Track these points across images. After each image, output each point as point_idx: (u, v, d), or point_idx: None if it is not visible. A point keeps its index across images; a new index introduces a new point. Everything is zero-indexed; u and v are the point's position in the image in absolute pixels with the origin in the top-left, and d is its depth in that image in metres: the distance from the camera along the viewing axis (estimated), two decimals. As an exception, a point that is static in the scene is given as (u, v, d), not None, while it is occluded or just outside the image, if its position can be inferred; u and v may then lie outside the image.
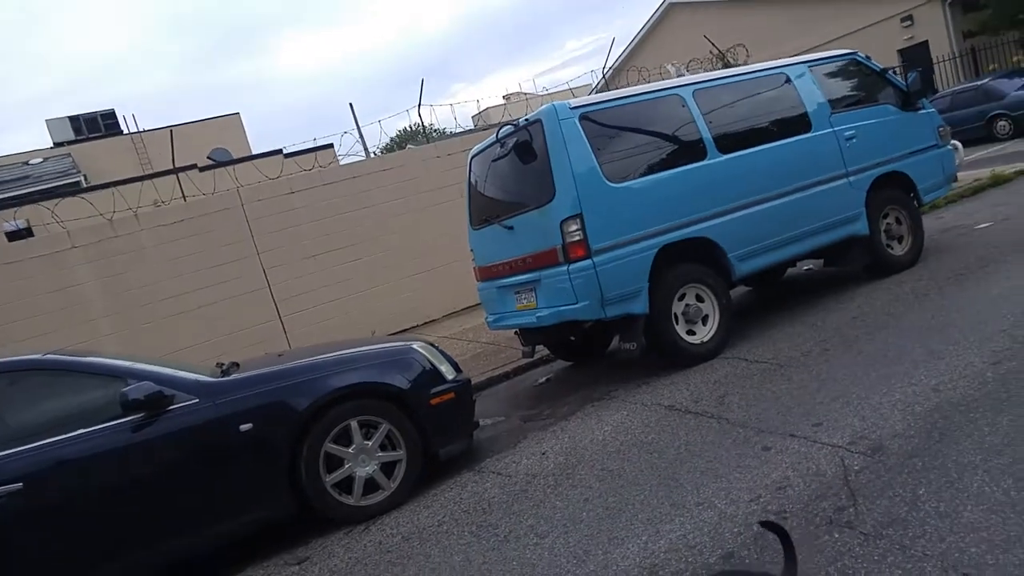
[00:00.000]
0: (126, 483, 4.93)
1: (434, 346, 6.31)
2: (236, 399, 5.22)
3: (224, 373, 5.67)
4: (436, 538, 4.80)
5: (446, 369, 6.00)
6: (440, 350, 6.32)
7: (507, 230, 7.34)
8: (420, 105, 16.05)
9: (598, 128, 6.86)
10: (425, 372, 5.83)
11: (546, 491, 5.03)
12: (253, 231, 12.59)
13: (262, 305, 12.56)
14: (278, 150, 21.12)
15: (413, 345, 6.05)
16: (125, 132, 31.40)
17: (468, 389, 6.18)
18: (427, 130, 19.73)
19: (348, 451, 5.41)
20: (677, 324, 7.01)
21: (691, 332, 7.10)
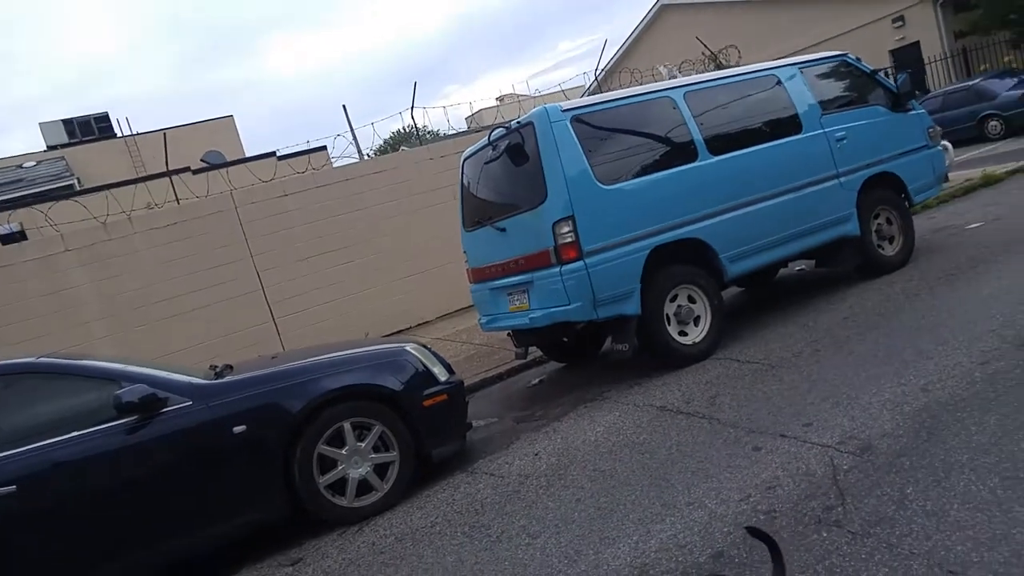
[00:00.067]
0: (120, 485, 4.95)
1: (427, 348, 6.33)
2: (230, 401, 5.24)
3: (218, 375, 5.69)
4: (429, 539, 4.83)
5: (439, 371, 6.02)
6: (433, 352, 6.34)
7: (499, 232, 7.35)
8: (413, 107, 16.14)
9: (590, 130, 6.88)
10: (418, 374, 5.85)
11: (538, 492, 5.06)
12: (247, 234, 12.58)
13: (256, 307, 12.54)
14: (271, 152, 21.12)
15: (406, 347, 6.06)
16: (119, 135, 31.38)
17: (461, 390, 6.21)
18: (420, 132, 19.77)
19: (341, 453, 5.43)
20: (669, 325, 7.02)
21: (683, 333, 7.12)
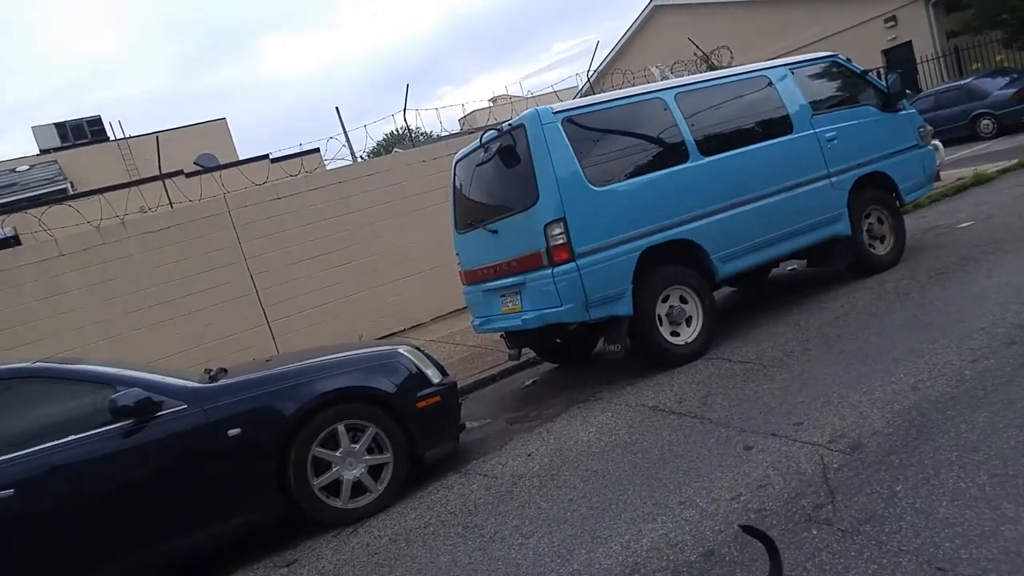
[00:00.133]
0: (116, 488, 4.96)
1: (420, 350, 6.36)
2: (224, 404, 5.26)
3: (212, 379, 5.69)
4: (423, 539, 4.84)
5: (432, 373, 6.05)
6: (426, 354, 6.36)
7: (492, 234, 7.37)
8: (406, 110, 16.12)
9: (581, 132, 6.90)
10: (411, 376, 5.87)
11: (531, 492, 5.08)
12: (240, 237, 12.59)
13: (250, 310, 12.56)
14: (264, 155, 21.07)
15: (399, 349, 6.08)
16: (111, 139, 31.30)
17: (454, 392, 6.24)
18: (413, 134, 19.77)
19: (335, 455, 5.45)
20: (661, 325, 7.04)
21: (675, 333, 7.14)
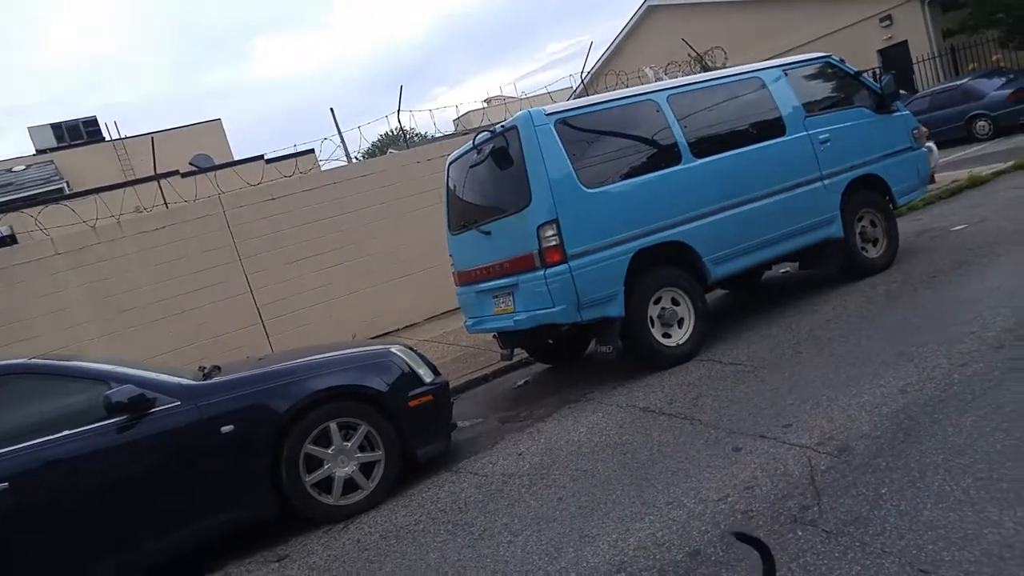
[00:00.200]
0: (110, 484, 5.01)
1: (412, 349, 6.38)
2: (217, 402, 5.30)
3: (206, 376, 5.74)
4: (413, 536, 4.88)
5: (424, 372, 6.08)
6: (418, 353, 6.40)
7: (485, 235, 7.38)
8: (399, 111, 16.16)
9: (573, 134, 6.91)
10: (403, 375, 5.90)
11: (521, 491, 5.11)
12: (235, 237, 12.63)
13: (244, 310, 12.60)
14: (259, 156, 21.11)
15: (391, 349, 6.12)
16: (107, 139, 31.32)
17: (446, 391, 6.28)
18: (407, 135, 19.79)
19: (328, 452, 5.49)
20: (653, 327, 7.06)
21: (667, 335, 7.15)
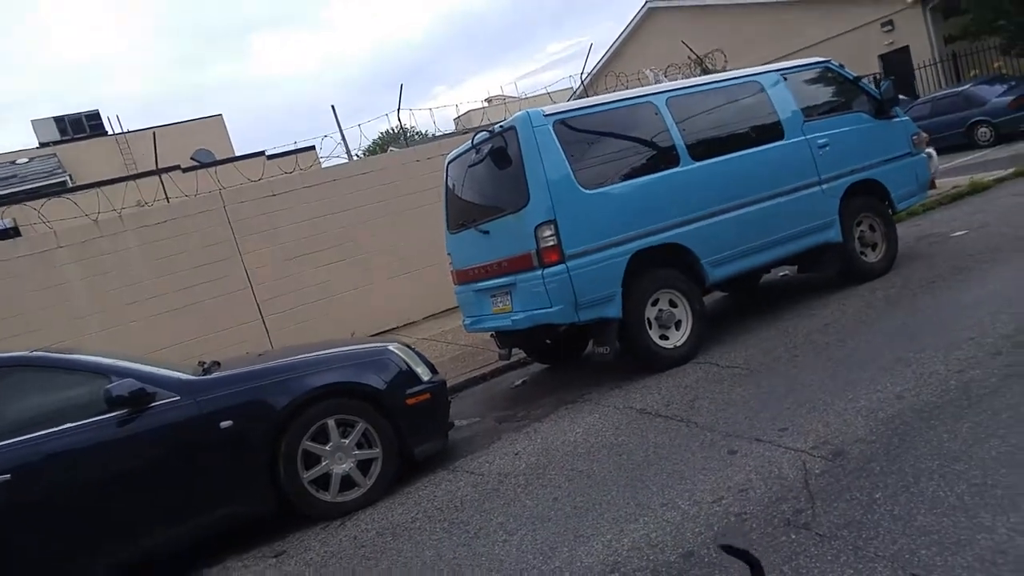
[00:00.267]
0: (110, 476, 5.04)
1: (410, 348, 6.41)
2: (216, 397, 5.33)
3: (205, 372, 5.76)
4: (409, 534, 4.90)
5: (422, 370, 6.09)
6: (416, 351, 6.42)
7: (483, 235, 7.40)
8: (399, 109, 16.20)
9: (572, 135, 6.92)
10: (401, 373, 5.92)
11: (517, 490, 5.13)
12: (235, 232, 12.66)
13: (244, 305, 12.63)
14: (260, 152, 21.16)
15: (389, 347, 6.14)
16: (109, 133, 31.34)
17: (443, 390, 6.29)
18: (407, 134, 19.81)
19: (325, 449, 5.51)
20: (650, 329, 7.07)
21: (664, 337, 7.16)
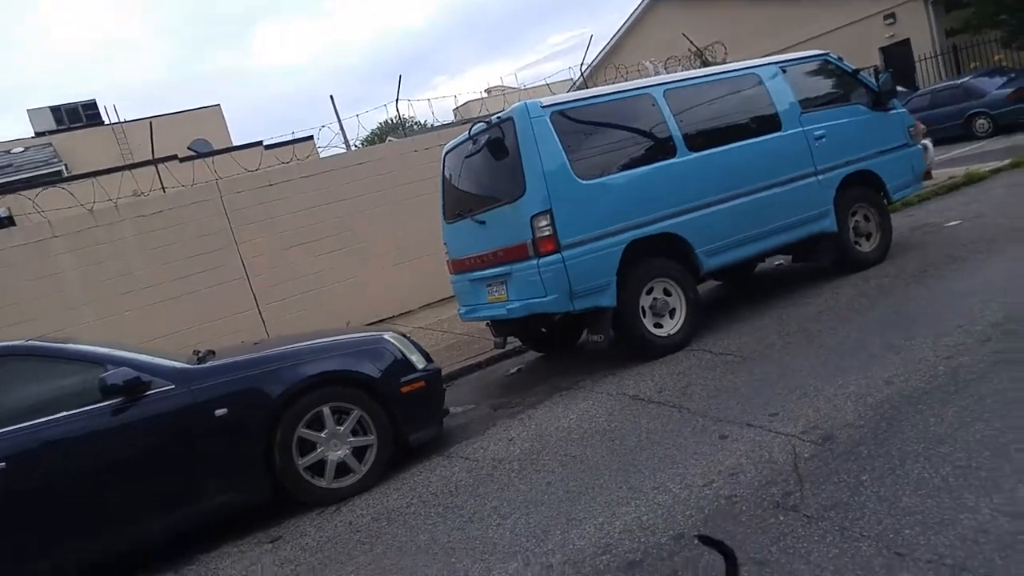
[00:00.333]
0: (105, 464, 5.07)
1: (405, 336, 6.46)
2: (211, 385, 5.36)
3: (200, 360, 5.79)
4: (404, 519, 4.95)
5: (416, 359, 6.14)
6: (412, 340, 6.47)
7: (479, 224, 7.43)
8: (398, 100, 16.20)
9: (569, 126, 6.96)
10: (396, 361, 5.97)
11: (511, 475, 5.19)
12: (232, 222, 12.67)
13: (241, 295, 12.65)
14: (258, 142, 21.11)
15: (384, 335, 6.18)
16: (106, 122, 31.31)
17: (438, 378, 6.34)
18: (405, 124, 19.80)
19: (320, 436, 5.55)
20: (645, 317, 7.11)
21: (658, 325, 7.21)
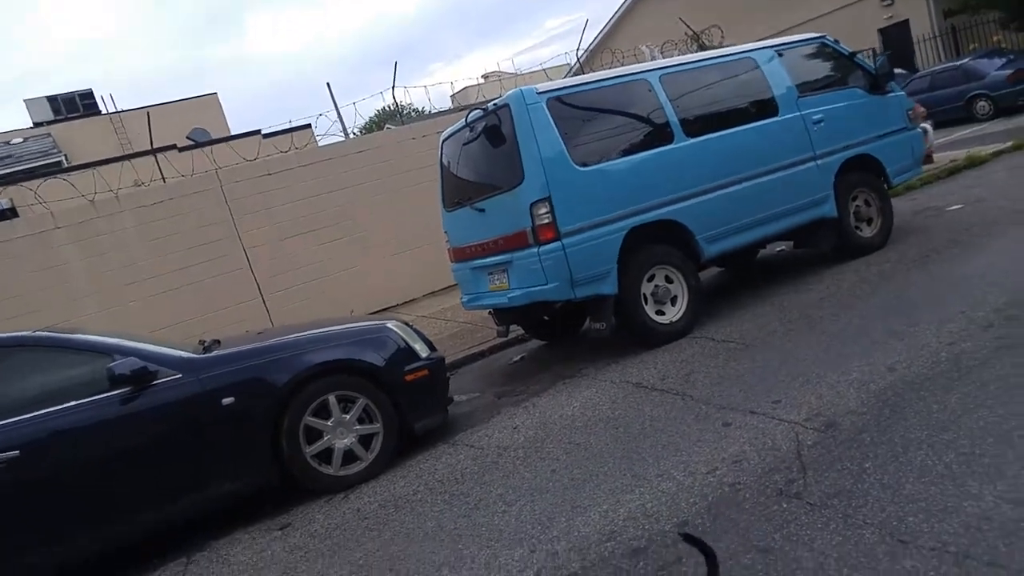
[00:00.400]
0: (116, 453, 5.11)
1: (409, 325, 6.48)
2: (218, 374, 5.40)
3: (206, 350, 5.82)
4: (411, 505, 4.99)
5: (420, 347, 6.18)
6: (415, 329, 6.50)
7: (479, 212, 7.43)
8: (394, 87, 16.18)
9: (566, 112, 6.94)
10: (400, 350, 6.00)
11: (515, 463, 5.22)
12: (233, 212, 12.67)
13: (244, 284, 12.66)
14: (256, 131, 21.10)
15: (388, 324, 6.21)
16: (103, 112, 31.30)
17: (442, 367, 6.37)
18: (403, 111, 19.74)
19: (327, 424, 5.59)
20: (646, 305, 7.12)
21: (660, 312, 7.21)
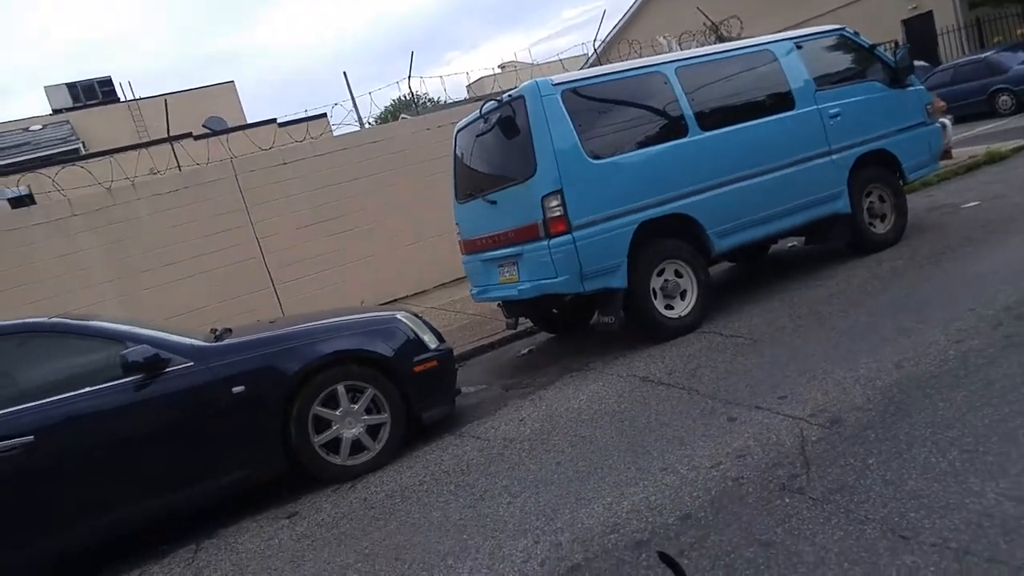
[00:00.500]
0: (128, 438, 5.16)
1: (418, 316, 6.51)
2: (229, 363, 5.45)
3: (218, 338, 5.86)
4: (417, 496, 5.03)
5: (429, 339, 6.21)
6: (424, 320, 6.53)
7: (490, 204, 7.43)
8: (410, 77, 16.19)
9: (580, 104, 6.92)
10: (409, 341, 6.03)
11: (521, 455, 5.25)
12: (247, 201, 12.76)
13: (256, 273, 12.76)
14: (272, 119, 21.19)
15: (397, 315, 6.24)
16: (122, 99, 31.45)
17: (450, 358, 6.41)
18: (418, 101, 19.76)
19: (335, 414, 5.64)
20: (656, 299, 7.12)
21: (669, 307, 7.21)
